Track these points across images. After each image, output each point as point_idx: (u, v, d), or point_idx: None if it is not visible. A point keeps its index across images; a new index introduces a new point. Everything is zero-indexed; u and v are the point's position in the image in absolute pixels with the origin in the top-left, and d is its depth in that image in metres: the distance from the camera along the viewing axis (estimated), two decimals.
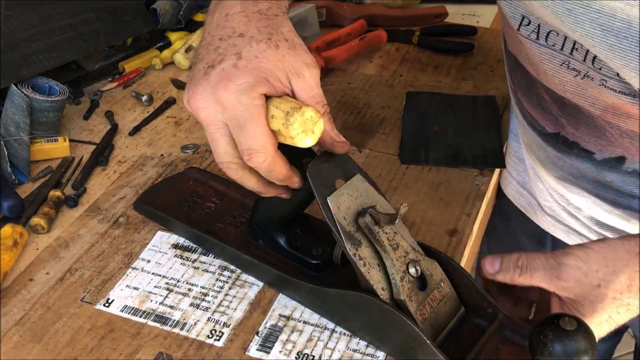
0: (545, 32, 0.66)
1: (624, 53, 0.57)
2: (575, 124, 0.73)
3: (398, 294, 0.60)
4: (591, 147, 0.73)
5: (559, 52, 0.66)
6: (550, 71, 0.69)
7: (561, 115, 0.74)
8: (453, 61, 1.15)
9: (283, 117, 0.55)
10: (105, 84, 1.08)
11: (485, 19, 1.32)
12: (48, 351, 0.65)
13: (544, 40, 0.67)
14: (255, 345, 0.65)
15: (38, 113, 0.90)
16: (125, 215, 0.82)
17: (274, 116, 0.56)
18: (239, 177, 0.60)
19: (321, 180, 0.61)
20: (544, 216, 0.92)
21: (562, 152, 0.78)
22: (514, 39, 0.74)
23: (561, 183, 0.84)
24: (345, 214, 0.61)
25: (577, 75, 0.66)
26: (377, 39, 1.18)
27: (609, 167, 0.74)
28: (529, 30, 0.68)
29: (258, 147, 0.56)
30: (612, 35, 0.57)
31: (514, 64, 0.79)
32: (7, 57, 0.93)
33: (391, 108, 1.02)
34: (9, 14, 0.97)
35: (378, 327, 0.63)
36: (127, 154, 0.93)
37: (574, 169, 0.78)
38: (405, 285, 0.60)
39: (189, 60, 1.12)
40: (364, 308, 0.62)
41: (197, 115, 0.58)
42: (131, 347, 0.65)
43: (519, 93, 0.81)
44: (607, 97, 0.65)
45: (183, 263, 0.75)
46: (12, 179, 0.86)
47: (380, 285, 0.60)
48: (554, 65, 0.68)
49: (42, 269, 0.74)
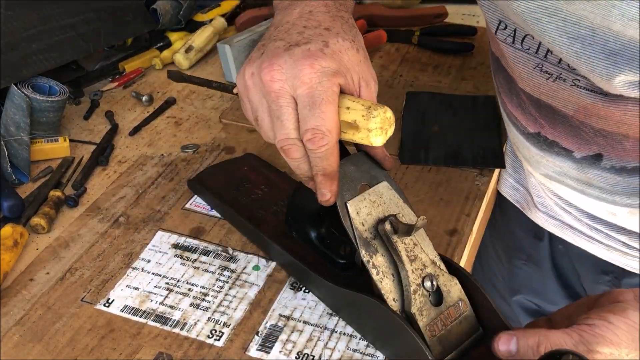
0: (521, 36, 0.67)
1: (589, 60, 0.58)
2: (552, 124, 0.74)
3: (409, 307, 0.59)
4: (569, 146, 0.74)
5: (534, 55, 0.67)
6: (525, 74, 0.71)
7: (539, 115, 0.75)
8: (453, 61, 1.15)
9: (364, 110, 0.56)
10: (106, 84, 1.09)
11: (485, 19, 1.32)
12: (48, 351, 0.65)
13: (519, 44, 0.68)
14: (255, 345, 0.65)
15: (38, 113, 0.90)
16: (126, 215, 0.82)
17: (351, 108, 0.57)
18: (299, 157, 0.59)
19: (344, 183, 0.61)
20: (537, 212, 0.93)
21: (544, 151, 0.79)
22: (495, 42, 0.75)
23: (547, 180, 0.85)
24: (365, 220, 0.61)
25: (549, 78, 0.68)
26: (377, 39, 1.18)
27: (589, 165, 0.74)
28: (505, 34, 0.69)
29: (325, 130, 0.56)
30: (578, 43, 0.58)
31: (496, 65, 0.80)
32: (7, 57, 0.93)
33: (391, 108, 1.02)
34: (9, 14, 0.97)
35: (384, 334, 0.63)
36: (127, 154, 0.93)
37: (557, 167, 0.79)
38: (418, 299, 0.59)
39: (189, 60, 1.12)
40: (373, 313, 0.62)
41: (268, 86, 0.57)
42: (131, 347, 0.65)
43: (502, 94, 0.82)
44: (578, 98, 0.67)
45: (183, 263, 0.75)
46: (12, 179, 0.86)
47: (392, 296, 0.60)
48: (528, 69, 0.69)
49: (42, 269, 0.74)
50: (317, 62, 0.55)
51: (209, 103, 1.05)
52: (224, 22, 1.18)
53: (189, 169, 0.90)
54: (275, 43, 0.58)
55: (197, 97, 1.06)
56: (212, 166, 0.89)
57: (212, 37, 1.16)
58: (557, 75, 0.67)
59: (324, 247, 0.71)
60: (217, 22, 1.17)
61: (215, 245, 0.77)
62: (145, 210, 0.83)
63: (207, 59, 1.16)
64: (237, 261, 0.75)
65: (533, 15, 0.60)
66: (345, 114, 0.57)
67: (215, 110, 1.03)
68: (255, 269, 0.74)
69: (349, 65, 0.58)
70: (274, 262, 0.74)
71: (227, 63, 1.07)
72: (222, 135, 0.97)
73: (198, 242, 0.78)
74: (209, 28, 1.16)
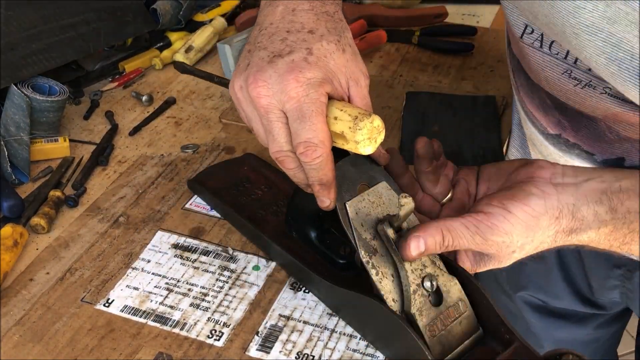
0: (549, 41, 0.66)
1: (624, 82, 0.57)
2: (576, 127, 0.73)
3: (409, 307, 0.59)
4: (591, 150, 0.74)
5: (563, 60, 0.66)
6: (552, 79, 0.69)
7: (563, 118, 0.74)
8: (453, 61, 1.15)
9: (350, 120, 0.55)
10: (105, 84, 1.09)
11: (485, 19, 1.32)
12: (48, 351, 0.65)
13: (547, 49, 0.66)
14: (255, 345, 0.65)
15: (38, 113, 0.90)
16: (125, 215, 0.82)
17: (338, 118, 0.56)
18: (295, 167, 0.59)
19: (343, 183, 0.61)
20: None
21: (564, 152, 0.78)
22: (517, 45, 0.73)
23: None
24: (364, 220, 0.61)
25: (577, 84, 0.66)
26: (377, 39, 1.18)
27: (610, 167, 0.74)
28: (532, 39, 0.67)
29: (317, 142, 0.55)
30: (615, 65, 0.57)
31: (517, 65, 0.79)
32: (7, 57, 0.93)
33: (391, 108, 1.02)
34: (9, 14, 0.97)
35: (384, 335, 0.63)
36: (127, 154, 0.93)
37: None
38: (417, 299, 0.59)
39: (189, 60, 1.12)
40: (373, 314, 0.62)
41: (256, 102, 0.57)
42: (131, 347, 0.65)
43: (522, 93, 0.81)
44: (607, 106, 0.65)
45: (183, 263, 0.75)
46: (12, 179, 0.86)
47: (392, 296, 0.60)
48: (556, 74, 0.68)
49: (42, 269, 0.74)
50: (302, 74, 0.55)
51: (209, 103, 1.05)
52: (224, 22, 1.18)
53: (189, 169, 0.90)
54: (259, 53, 0.57)
55: (197, 97, 1.06)
56: (212, 166, 0.89)
57: (212, 37, 1.16)
58: (587, 83, 0.65)
59: (323, 247, 0.71)
60: (217, 22, 1.17)
61: (215, 246, 0.77)
62: (145, 210, 0.83)
63: (207, 59, 1.16)
64: (237, 261, 0.75)
65: (572, 30, 0.58)
66: (334, 125, 0.56)
67: (215, 110, 1.03)
68: (255, 269, 0.74)
69: (335, 69, 0.57)
70: (274, 262, 0.74)
71: (227, 63, 1.07)
72: (222, 135, 0.97)
73: (198, 242, 0.78)
74: (209, 28, 1.16)
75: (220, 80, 1.03)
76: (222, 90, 1.07)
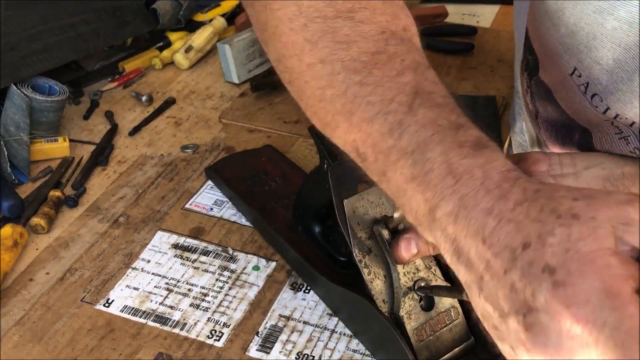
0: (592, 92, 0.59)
1: None
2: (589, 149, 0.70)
3: (398, 310, 0.59)
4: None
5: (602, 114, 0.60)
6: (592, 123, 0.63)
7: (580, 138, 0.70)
8: (453, 61, 1.15)
9: None
10: (105, 84, 1.08)
11: (485, 19, 1.32)
12: (48, 351, 0.65)
13: (589, 98, 0.60)
14: (255, 346, 0.65)
15: (38, 113, 0.90)
16: (125, 215, 0.82)
17: None
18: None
19: (343, 182, 0.61)
20: None
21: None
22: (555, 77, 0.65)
23: None
24: (361, 219, 0.61)
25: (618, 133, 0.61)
26: None
27: None
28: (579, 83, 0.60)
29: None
30: None
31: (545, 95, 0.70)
32: (7, 57, 0.93)
33: None
34: (9, 14, 0.97)
35: (375, 337, 0.63)
36: (127, 154, 0.93)
37: None
38: (407, 302, 0.59)
39: (188, 60, 1.12)
40: (364, 314, 0.62)
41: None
42: (131, 348, 0.65)
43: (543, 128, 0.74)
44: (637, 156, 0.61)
45: (183, 263, 0.75)
46: (12, 179, 0.86)
47: (382, 298, 0.60)
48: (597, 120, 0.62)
49: (42, 269, 0.74)
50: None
51: (209, 103, 1.05)
52: (224, 22, 1.18)
53: (188, 169, 0.90)
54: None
55: (197, 97, 1.06)
56: (230, 155, 0.90)
57: (212, 37, 1.16)
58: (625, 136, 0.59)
59: (326, 242, 0.71)
60: (217, 22, 1.17)
61: (215, 246, 0.77)
62: (145, 210, 0.83)
63: (207, 59, 1.16)
64: (237, 261, 0.75)
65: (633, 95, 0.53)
66: None
67: (215, 110, 1.03)
68: (255, 269, 0.74)
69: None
70: (274, 262, 0.74)
71: (227, 63, 1.07)
72: (222, 135, 0.96)
73: (198, 242, 0.78)
74: (209, 28, 1.16)
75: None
76: (222, 90, 1.08)
